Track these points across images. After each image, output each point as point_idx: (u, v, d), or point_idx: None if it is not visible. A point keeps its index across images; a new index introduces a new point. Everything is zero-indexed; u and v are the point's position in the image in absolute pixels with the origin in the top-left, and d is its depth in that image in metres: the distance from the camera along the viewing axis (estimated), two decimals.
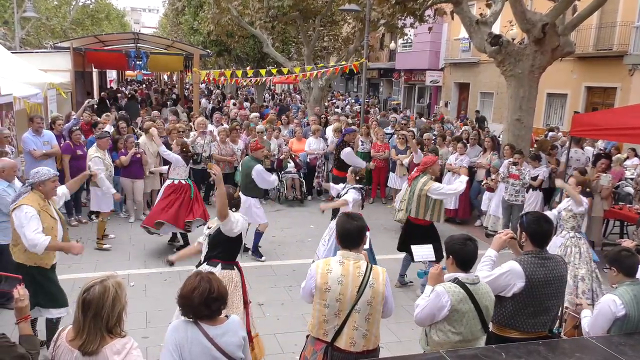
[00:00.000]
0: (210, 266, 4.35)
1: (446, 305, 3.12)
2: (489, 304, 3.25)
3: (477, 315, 3.18)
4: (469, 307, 3.15)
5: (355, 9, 14.13)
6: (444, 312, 3.14)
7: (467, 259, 3.27)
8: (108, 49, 17.25)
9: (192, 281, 2.86)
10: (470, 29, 9.95)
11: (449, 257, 3.33)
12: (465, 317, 3.15)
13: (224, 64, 28.62)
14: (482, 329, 3.24)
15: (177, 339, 2.78)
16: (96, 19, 34.30)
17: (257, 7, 16.66)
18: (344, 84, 40.99)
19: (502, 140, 10.59)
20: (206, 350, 2.78)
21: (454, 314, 3.14)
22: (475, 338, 3.22)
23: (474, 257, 3.30)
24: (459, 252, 3.27)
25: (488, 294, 3.28)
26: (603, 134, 8.86)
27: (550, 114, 21.26)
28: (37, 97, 9.31)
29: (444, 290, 3.15)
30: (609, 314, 3.38)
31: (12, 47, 21.94)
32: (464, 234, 3.39)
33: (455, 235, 3.40)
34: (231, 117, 13.49)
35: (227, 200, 4.23)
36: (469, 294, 3.16)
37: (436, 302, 3.16)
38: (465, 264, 3.28)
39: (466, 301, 3.14)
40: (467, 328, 3.17)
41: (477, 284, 3.24)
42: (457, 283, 3.19)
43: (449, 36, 26.92)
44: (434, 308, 3.17)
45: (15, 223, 4.33)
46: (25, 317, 2.78)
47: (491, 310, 3.29)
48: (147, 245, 7.95)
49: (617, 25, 17.59)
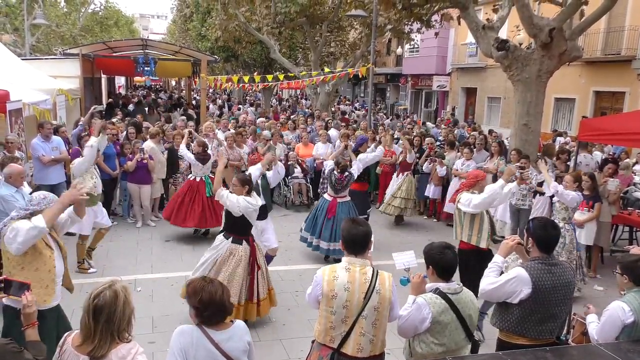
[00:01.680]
0: (224, 238, 5.40)
1: (427, 317, 3.08)
2: (472, 313, 3.21)
3: (459, 325, 3.14)
4: (451, 318, 3.11)
5: (362, 14, 14.16)
6: (426, 325, 3.10)
7: (446, 268, 3.22)
8: (116, 55, 17.38)
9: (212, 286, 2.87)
10: (477, 34, 9.93)
11: (429, 267, 3.29)
12: (447, 328, 3.12)
13: (231, 69, 28.78)
14: (467, 337, 3.20)
15: (183, 344, 2.78)
16: (105, 25, 34.67)
17: (264, 13, 16.77)
18: (351, 89, 41.02)
19: (509, 145, 10.54)
20: (211, 355, 2.78)
21: (436, 326, 3.10)
22: (459, 348, 3.18)
23: (454, 265, 3.25)
24: (438, 262, 3.23)
25: (472, 302, 3.24)
26: (611, 139, 8.80)
27: (559, 118, 21.16)
28: (46, 103, 9.41)
29: (424, 302, 3.11)
30: (618, 320, 3.34)
31: (23, 53, 22.17)
32: (442, 242, 3.33)
33: (435, 243, 3.34)
34: (239, 123, 13.53)
35: (219, 178, 5.46)
36: (451, 304, 3.11)
37: (417, 315, 3.11)
38: (445, 272, 3.23)
39: (448, 312, 3.10)
40: (450, 339, 3.14)
41: (460, 293, 3.19)
42: (438, 294, 3.15)
43: (455, 41, 26.90)
44: (416, 320, 3.12)
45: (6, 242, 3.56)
46: (32, 323, 2.80)
47: (475, 319, 3.25)
48: (154, 250, 7.98)
49: (625, 29, 17.50)
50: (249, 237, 5.51)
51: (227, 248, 5.36)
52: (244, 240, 5.42)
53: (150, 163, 8.85)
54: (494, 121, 24.48)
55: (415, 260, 3.80)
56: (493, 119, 24.97)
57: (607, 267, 7.68)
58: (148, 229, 8.97)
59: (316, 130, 12.11)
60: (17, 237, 3.50)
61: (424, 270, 3.36)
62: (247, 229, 5.46)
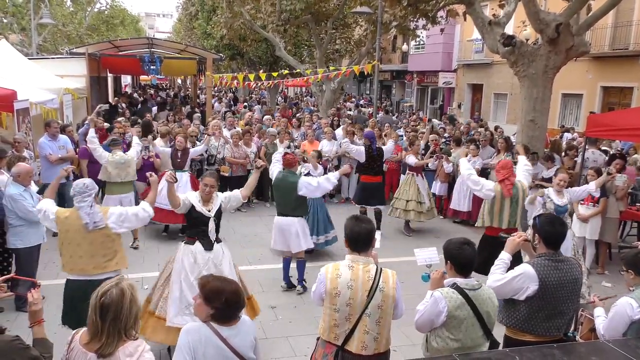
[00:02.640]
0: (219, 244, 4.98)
1: (443, 311, 3.07)
2: (490, 310, 3.18)
3: (476, 322, 3.12)
4: (467, 313, 3.09)
5: (367, 11, 14.12)
6: (442, 318, 3.09)
7: (464, 264, 3.20)
8: (122, 54, 17.44)
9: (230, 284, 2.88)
10: (483, 29, 9.87)
11: (447, 262, 3.27)
12: (463, 324, 3.10)
13: (236, 67, 28.82)
14: (484, 335, 3.17)
15: (191, 342, 2.77)
16: (111, 24, 34.78)
17: (269, 10, 16.75)
18: (356, 86, 40.96)
19: (515, 141, 10.49)
20: (221, 352, 2.78)
21: (452, 320, 3.09)
22: (476, 345, 3.15)
23: (472, 261, 3.23)
24: (456, 257, 3.21)
25: (490, 299, 3.20)
26: (619, 135, 8.75)
27: (566, 114, 21.03)
28: (53, 102, 9.45)
29: (441, 296, 3.10)
30: (626, 317, 3.32)
31: (29, 53, 22.28)
32: (461, 238, 3.31)
33: (453, 239, 3.33)
34: (245, 121, 13.54)
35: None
36: (467, 299, 3.10)
37: (433, 308, 3.11)
38: (463, 268, 3.21)
39: (464, 307, 3.08)
40: (466, 335, 3.12)
41: (478, 289, 3.17)
42: (455, 288, 3.14)
43: (461, 37, 26.77)
44: (432, 314, 3.12)
45: (117, 220, 4.30)
46: (38, 320, 2.82)
47: (493, 317, 3.22)
48: (161, 248, 8.01)
49: (633, 24, 17.35)
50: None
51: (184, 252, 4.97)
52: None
53: (157, 161, 8.87)
54: (500, 117, 24.36)
55: (437, 257, 3.79)
56: (499, 115, 24.85)
57: (615, 264, 7.64)
58: (155, 226, 8.98)
59: (322, 128, 12.10)
60: (128, 221, 4.34)
61: (444, 267, 3.35)
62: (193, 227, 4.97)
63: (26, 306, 4.14)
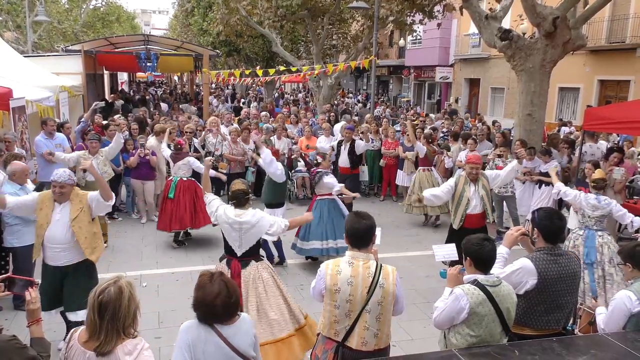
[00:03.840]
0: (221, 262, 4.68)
1: (465, 308, 3.04)
2: (510, 306, 3.15)
3: (497, 318, 3.09)
4: (488, 310, 3.07)
5: (364, 6, 14.08)
6: (463, 315, 3.06)
7: (485, 260, 3.20)
8: (118, 51, 17.39)
9: (210, 286, 2.77)
10: (480, 24, 9.86)
11: (467, 259, 3.26)
12: (484, 320, 3.07)
13: (233, 64, 28.73)
14: (503, 331, 3.15)
15: (190, 340, 2.77)
16: (107, 21, 34.60)
17: (265, 6, 16.69)
18: (353, 81, 40.91)
19: (513, 136, 10.49)
20: (220, 350, 2.77)
21: (473, 317, 3.06)
22: (495, 341, 3.13)
23: (493, 257, 3.22)
24: (476, 253, 3.20)
25: (510, 295, 3.18)
26: (616, 128, 8.74)
27: (563, 108, 21.05)
28: (49, 100, 9.40)
29: (462, 293, 3.07)
30: (625, 310, 3.32)
31: (25, 50, 22.16)
32: (480, 234, 3.31)
33: (472, 236, 3.32)
34: (242, 117, 13.52)
35: (207, 182, 5.08)
36: (489, 296, 3.07)
37: (455, 305, 3.08)
38: (484, 264, 3.20)
39: (485, 304, 3.06)
40: (487, 331, 3.09)
41: (498, 285, 3.14)
42: (476, 285, 3.11)
43: (458, 32, 26.74)
44: (453, 311, 3.09)
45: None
46: (36, 319, 2.80)
47: (512, 312, 3.19)
48: (159, 246, 8.00)
49: (629, 17, 17.35)
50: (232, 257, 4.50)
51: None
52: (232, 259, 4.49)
53: (152, 159, 8.83)
54: (497, 112, 24.36)
55: (455, 253, 3.77)
56: (497, 109, 24.86)
57: None
58: (153, 224, 8.96)
59: (319, 124, 12.08)
60: None
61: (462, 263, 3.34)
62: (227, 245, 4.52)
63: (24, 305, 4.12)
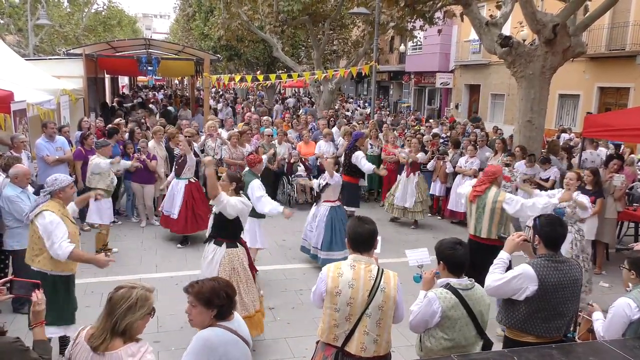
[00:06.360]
0: (216, 245, 4.99)
1: (437, 312, 3.09)
2: (483, 309, 3.20)
3: (470, 321, 3.14)
4: (460, 313, 3.11)
5: (365, 12, 14.15)
6: (436, 319, 3.11)
7: (457, 264, 3.23)
8: (120, 55, 17.39)
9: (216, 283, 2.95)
10: (480, 30, 9.90)
11: (440, 263, 3.29)
12: (457, 324, 3.12)
13: (234, 68, 28.81)
14: (478, 334, 3.19)
15: (210, 344, 2.85)
16: (108, 25, 34.69)
17: (266, 11, 16.76)
18: (354, 87, 40.98)
19: (513, 142, 10.51)
20: (235, 344, 2.91)
21: (446, 321, 3.11)
22: (469, 344, 3.17)
23: (465, 261, 3.25)
24: (449, 257, 3.23)
25: (483, 299, 3.22)
26: (616, 135, 8.76)
27: (563, 115, 21.09)
28: (50, 103, 9.41)
29: (434, 297, 3.12)
30: (624, 317, 3.33)
31: (26, 54, 22.22)
32: (453, 238, 3.34)
33: (445, 239, 3.35)
34: (244, 121, 13.51)
35: (215, 181, 4.73)
36: (461, 299, 3.11)
37: (427, 309, 3.13)
38: (456, 268, 3.23)
39: (458, 307, 3.10)
40: (460, 334, 3.14)
41: (471, 289, 3.19)
42: (448, 289, 3.15)
43: (458, 38, 26.83)
44: (426, 314, 3.14)
45: (40, 230, 4.22)
46: (40, 322, 2.81)
47: (486, 316, 3.24)
48: (159, 250, 7.99)
49: (629, 25, 17.42)
50: (240, 239, 5.17)
51: (225, 256, 4.94)
52: (238, 244, 5.08)
53: (151, 164, 8.81)
54: (497, 118, 24.41)
55: (428, 258, 3.78)
56: (497, 115, 24.91)
57: (613, 264, 7.66)
58: (152, 228, 8.98)
59: (320, 129, 12.09)
60: (52, 239, 4.23)
61: (436, 267, 3.36)
62: (239, 231, 5.12)
63: (23, 308, 4.12)
